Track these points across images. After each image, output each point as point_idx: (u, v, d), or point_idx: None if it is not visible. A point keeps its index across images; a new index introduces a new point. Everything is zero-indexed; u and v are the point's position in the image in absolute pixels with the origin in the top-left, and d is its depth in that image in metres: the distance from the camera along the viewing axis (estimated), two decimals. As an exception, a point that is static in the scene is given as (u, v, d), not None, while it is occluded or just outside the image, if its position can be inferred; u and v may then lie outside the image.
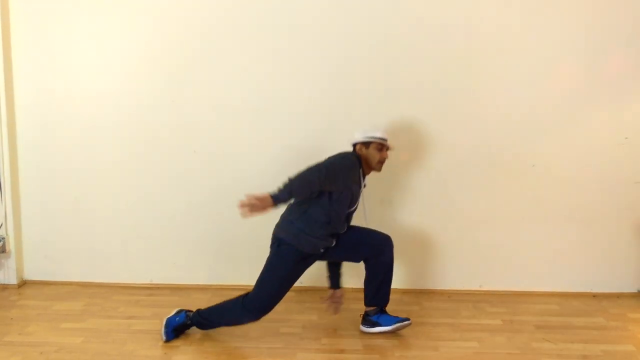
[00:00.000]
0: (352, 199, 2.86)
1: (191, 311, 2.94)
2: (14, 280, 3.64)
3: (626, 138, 3.39)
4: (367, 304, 3.02)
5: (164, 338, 2.88)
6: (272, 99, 3.43)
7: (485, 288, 3.56)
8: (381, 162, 2.91)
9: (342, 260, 3.12)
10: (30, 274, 3.71)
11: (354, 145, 2.94)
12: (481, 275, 3.56)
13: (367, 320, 3.00)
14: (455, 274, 3.57)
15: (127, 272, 3.65)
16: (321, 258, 2.99)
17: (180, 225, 3.60)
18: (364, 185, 2.95)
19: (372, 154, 2.88)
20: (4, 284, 3.64)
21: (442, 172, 3.46)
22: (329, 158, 2.80)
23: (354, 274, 3.58)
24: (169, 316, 2.93)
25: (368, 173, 2.96)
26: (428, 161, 3.46)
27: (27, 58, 3.50)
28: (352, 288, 3.59)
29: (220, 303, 2.88)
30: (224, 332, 2.97)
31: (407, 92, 3.39)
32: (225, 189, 3.54)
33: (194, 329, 2.95)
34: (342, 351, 2.80)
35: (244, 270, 3.59)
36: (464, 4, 3.31)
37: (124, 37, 3.45)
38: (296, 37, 3.37)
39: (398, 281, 3.57)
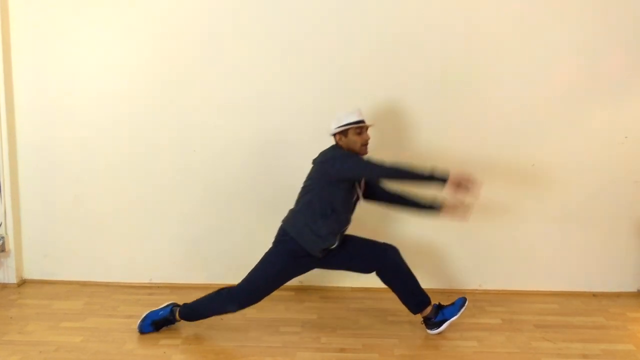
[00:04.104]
0: (354, 194, 2.84)
1: (178, 305, 2.98)
2: (13, 280, 3.63)
3: (626, 137, 3.39)
4: (415, 312, 2.97)
5: (139, 330, 2.94)
6: (273, 99, 3.43)
7: (484, 287, 3.56)
8: (364, 144, 2.84)
9: (345, 270, 3.03)
10: (29, 273, 3.71)
11: (334, 136, 2.89)
12: (481, 275, 3.56)
13: (433, 324, 2.95)
14: (454, 273, 3.57)
15: (127, 272, 3.65)
16: (321, 265, 2.93)
17: (179, 225, 3.60)
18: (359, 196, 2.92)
19: (353, 139, 2.82)
20: (3, 283, 3.64)
21: (441, 171, 3.46)
22: (335, 156, 2.77)
23: (354, 274, 3.58)
24: (153, 309, 2.98)
25: (361, 153, 2.86)
26: (428, 161, 3.44)
27: (27, 58, 3.50)
28: (350, 288, 3.60)
29: (205, 295, 2.93)
30: (224, 331, 2.98)
31: (407, 92, 3.39)
32: (225, 189, 3.54)
33: (182, 326, 2.98)
34: (342, 350, 2.80)
35: (244, 270, 3.60)
36: (463, 3, 3.31)
37: (123, 37, 3.44)
38: (296, 37, 3.37)
39: (398, 281, 3.58)
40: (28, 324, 3.07)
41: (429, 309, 2.95)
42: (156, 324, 2.95)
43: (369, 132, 2.89)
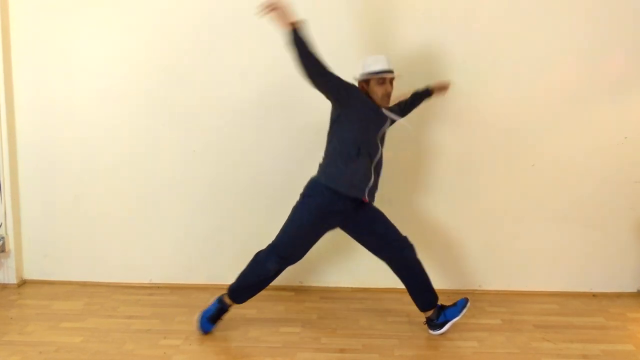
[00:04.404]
0: (373, 121, 2.74)
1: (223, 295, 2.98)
2: (13, 280, 3.64)
3: (626, 138, 3.39)
4: (422, 310, 2.98)
5: (202, 331, 2.92)
6: (272, 99, 3.42)
7: (484, 288, 3.56)
8: (385, 95, 2.74)
9: (361, 241, 2.95)
10: (29, 274, 3.71)
11: (358, 83, 2.82)
12: (481, 275, 3.56)
13: (435, 325, 2.95)
14: (454, 273, 3.57)
15: (127, 272, 3.65)
16: (344, 224, 2.88)
17: (180, 225, 3.60)
18: (387, 119, 2.81)
19: (374, 90, 2.73)
20: (3, 284, 3.64)
21: (442, 171, 3.46)
22: None
23: (354, 273, 3.58)
24: (203, 309, 2.97)
25: (382, 105, 2.78)
26: (428, 161, 3.46)
27: (27, 58, 3.50)
28: (351, 288, 3.60)
29: (244, 269, 2.91)
30: (224, 331, 2.98)
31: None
32: (224, 189, 3.54)
33: (182, 327, 2.97)
34: (342, 350, 2.80)
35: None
36: (463, 3, 3.31)
37: (123, 37, 3.44)
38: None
39: (398, 280, 3.57)
40: (28, 324, 3.07)
41: (432, 310, 2.96)
42: (212, 318, 2.94)
43: (395, 83, 2.82)
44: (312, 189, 2.80)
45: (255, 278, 2.89)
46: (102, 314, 3.21)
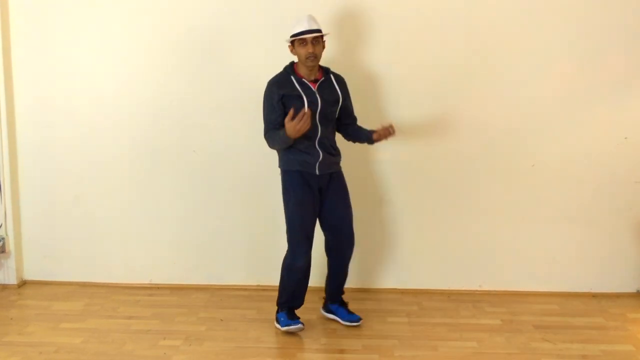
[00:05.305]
0: (309, 104, 2.80)
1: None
2: (13, 280, 3.63)
3: (626, 138, 3.38)
4: (331, 299, 3.16)
5: (298, 326, 2.96)
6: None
7: (484, 288, 3.56)
8: (307, 57, 2.76)
9: (322, 215, 2.99)
10: (29, 274, 3.71)
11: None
12: (481, 275, 3.55)
13: (326, 308, 3.15)
14: (454, 273, 3.56)
15: (127, 272, 3.65)
16: (321, 191, 2.94)
17: (180, 225, 3.60)
18: (319, 100, 2.84)
19: (298, 52, 2.79)
20: (3, 284, 3.64)
21: (442, 172, 3.46)
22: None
23: (351, 276, 3.58)
24: (279, 325, 3.01)
25: (310, 71, 2.84)
26: (428, 161, 3.45)
27: (27, 58, 3.51)
28: (351, 288, 3.58)
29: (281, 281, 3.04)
30: (224, 331, 2.99)
31: (407, 92, 3.39)
32: (224, 189, 3.54)
33: (182, 327, 2.98)
34: (341, 351, 2.80)
35: (243, 270, 3.62)
36: (464, 3, 3.30)
37: (123, 37, 3.45)
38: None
39: (397, 281, 3.58)
40: (28, 324, 3.07)
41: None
42: (289, 317, 3.00)
43: (327, 41, 2.89)
44: (282, 178, 2.96)
45: (289, 278, 2.98)
46: (102, 315, 3.21)
